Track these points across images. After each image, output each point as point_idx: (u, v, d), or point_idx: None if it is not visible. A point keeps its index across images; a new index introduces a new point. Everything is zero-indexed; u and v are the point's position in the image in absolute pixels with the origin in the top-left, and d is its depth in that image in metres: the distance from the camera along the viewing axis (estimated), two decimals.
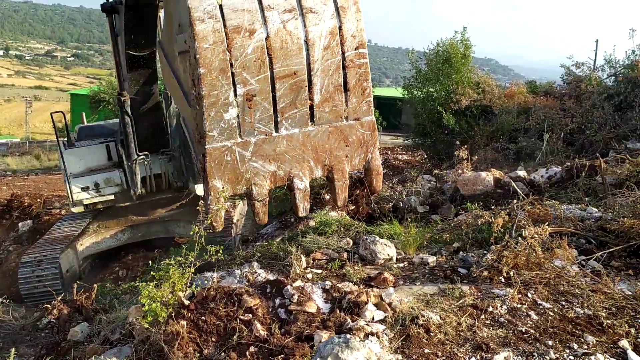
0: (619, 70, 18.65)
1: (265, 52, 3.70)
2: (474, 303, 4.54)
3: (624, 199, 7.22)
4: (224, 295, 4.06)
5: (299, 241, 6.43)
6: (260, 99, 3.79)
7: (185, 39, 3.72)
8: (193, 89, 3.74)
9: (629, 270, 5.40)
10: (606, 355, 3.89)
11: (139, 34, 8.63)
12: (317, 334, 3.70)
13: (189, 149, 11.75)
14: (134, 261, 11.91)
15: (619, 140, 13.20)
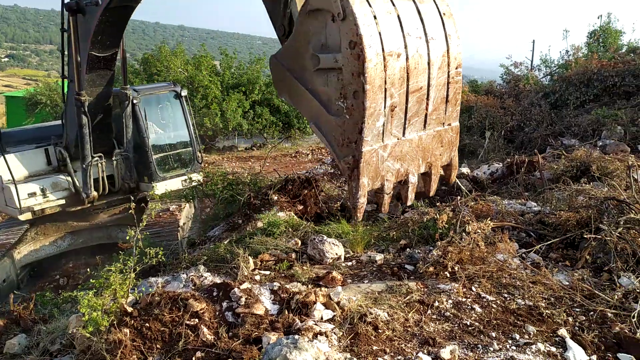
0: (554, 70, 19.44)
1: (405, 71, 4.51)
2: (421, 299, 4.61)
3: (561, 193, 7.51)
4: (169, 301, 3.96)
5: (247, 243, 6.36)
6: (399, 109, 4.62)
7: (335, 59, 4.42)
8: (340, 101, 4.51)
9: (565, 261, 5.62)
10: (546, 344, 4.02)
11: (107, 35, 8.79)
12: (266, 336, 3.66)
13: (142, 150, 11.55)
14: (76, 269, 11.47)
15: (555, 136, 13.75)
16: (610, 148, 10.89)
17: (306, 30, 4.70)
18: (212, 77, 29.01)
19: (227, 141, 31.35)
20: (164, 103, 12.61)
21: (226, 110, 27.79)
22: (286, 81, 5.17)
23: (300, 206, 9.04)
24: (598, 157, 8.48)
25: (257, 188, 9.24)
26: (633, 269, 5.14)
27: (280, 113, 31.33)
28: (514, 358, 3.77)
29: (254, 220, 8.00)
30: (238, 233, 7.69)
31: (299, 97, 5.06)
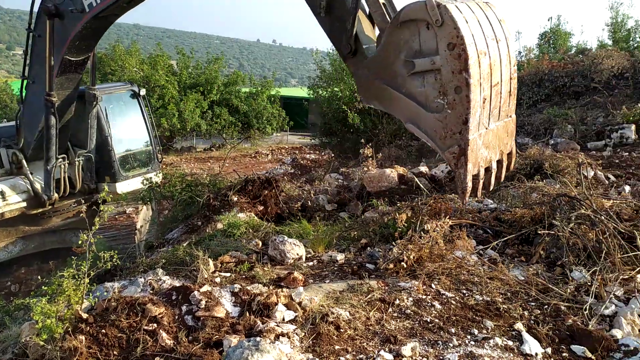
0: None
1: (489, 68, 5.10)
2: (382, 297, 4.64)
3: (515, 191, 7.70)
4: (126, 306, 3.86)
5: (207, 245, 6.28)
6: (487, 102, 5.18)
7: (433, 61, 4.97)
8: (440, 98, 5.04)
9: (521, 257, 5.76)
10: (503, 338, 4.11)
11: (85, 41, 8.89)
12: (227, 339, 3.62)
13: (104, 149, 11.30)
14: (28, 275, 11.05)
15: None
16: (562, 146, 11.25)
17: (397, 40, 5.24)
18: (169, 76, 28.57)
19: (185, 142, 30.96)
20: (122, 102, 12.37)
21: (184, 111, 27.41)
22: (375, 89, 5.66)
23: (260, 207, 8.99)
24: (550, 155, 8.74)
25: (217, 189, 9.14)
26: (584, 262, 5.31)
27: (240, 113, 31.12)
28: (472, 353, 3.83)
29: (214, 221, 7.91)
30: (197, 235, 7.58)
31: (391, 101, 5.57)
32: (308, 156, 25.81)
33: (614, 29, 20.63)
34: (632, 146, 11.02)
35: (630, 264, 5.27)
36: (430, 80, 5.11)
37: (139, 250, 8.87)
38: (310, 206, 9.48)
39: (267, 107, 32.08)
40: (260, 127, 32.07)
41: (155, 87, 27.09)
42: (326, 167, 17.32)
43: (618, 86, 14.93)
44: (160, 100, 27.14)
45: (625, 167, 9.13)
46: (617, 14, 20.60)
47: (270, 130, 33.01)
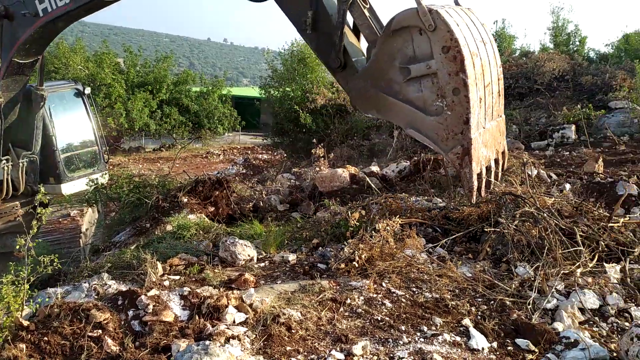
0: None
1: (481, 67, 5.24)
2: (333, 297, 4.66)
3: (463, 189, 7.88)
4: (70, 312, 3.73)
5: (155, 247, 6.15)
6: (483, 102, 5.33)
7: (428, 65, 5.12)
8: (439, 101, 5.18)
9: (469, 254, 5.91)
10: (451, 334, 4.20)
11: (36, 44, 8.72)
12: (175, 344, 3.54)
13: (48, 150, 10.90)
14: None
15: None
16: (507, 145, 11.59)
17: (390, 48, 5.37)
18: (116, 75, 27.84)
19: (134, 142, 30.25)
20: (65, 101, 11.97)
21: (132, 110, 26.75)
22: (372, 98, 5.74)
23: (211, 208, 8.88)
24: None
25: (166, 190, 8.97)
26: (528, 259, 5.49)
27: (190, 113, 30.63)
28: (422, 350, 3.89)
29: (163, 223, 7.76)
30: (146, 237, 7.41)
31: (389, 109, 5.66)
32: (260, 156, 25.64)
33: (555, 33, 21.46)
34: (572, 145, 11.49)
35: (571, 259, 5.49)
36: (427, 85, 5.26)
37: (84, 254, 8.60)
38: (262, 207, 9.43)
39: (219, 107, 31.72)
40: (211, 127, 31.67)
41: (102, 86, 26.34)
42: (278, 168, 17.27)
43: (559, 88, 15.53)
44: (106, 99, 26.41)
45: (566, 166, 9.50)
46: (558, 19, 21.46)
47: (222, 130, 32.66)
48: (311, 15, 6.00)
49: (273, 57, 23.40)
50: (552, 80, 15.69)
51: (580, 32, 21.48)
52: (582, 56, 19.83)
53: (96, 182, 9.92)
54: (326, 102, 19.57)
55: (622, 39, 21.37)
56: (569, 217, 6.19)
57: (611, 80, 14.65)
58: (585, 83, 15.20)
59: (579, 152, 10.58)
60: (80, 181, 11.42)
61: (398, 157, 13.80)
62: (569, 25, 21.38)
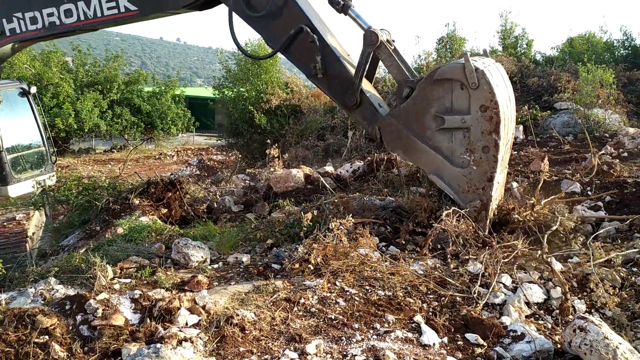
0: None
1: (508, 127, 5.66)
2: (287, 296, 4.66)
3: (415, 189, 8.04)
4: (14, 318, 3.60)
5: (106, 250, 6.02)
6: (503, 159, 5.73)
7: (463, 120, 5.47)
8: (467, 155, 5.56)
9: (417, 248, 6.01)
10: (404, 330, 4.28)
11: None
12: (125, 348, 3.48)
13: None
14: None
15: None
16: None
17: (429, 95, 5.64)
18: (64, 74, 26.99)
19: (83, 143, 29.45)
20: (10, 101, 11.55)
21: (81, 111, 25.98)
22: (403, 139, 6.02)
23: (164, 210, 8.75)
24: None
25: (117, 192, 8.78)
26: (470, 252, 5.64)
27: (142, 113, 30.02)
28: (375, 347, 3.95)
29: (114, 226, 7.60)
30: (96, 241, 7.24)
31: (417, 152, 5.99)
32: (215, 157, 25.34)
33: (503, 35, 22.07)
34: (520, 145, 11.85)
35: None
36: (458, 137, 5.60)
37: (31, 259, 8.32)
38: (217, 208, 9.35)
39: (172, 107, 31.21)
40: (164, 128, 31.12)
41: (49, 85, 25.48)
42: (233, 168, 17.11)
43: None
44: (54, 99, 25.56)
45: (514, 165, 9.79)
46: (506, 22, 22.07)
47: (175, 130, 32.17)
48: (320, 60, 6.32)
49: (227, 57, 23.20)
50: None
51: (527, 35, 22.19)
52: (529, 59, 20.46)
53: (43, 184, 9.61)
54: (281, 103, 19.55)
55: (567, 43, 22.19)
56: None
57: (556, 82, 15.17)
58: (532, 85, 15.70)
59: (527, 151, 10.93)
60: (27, 183, 11.07)
61: (352, 157, 13.93)
62: (517, 28, 22.06)
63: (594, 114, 12.28)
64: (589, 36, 22.06)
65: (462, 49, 21.18)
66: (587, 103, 12.58)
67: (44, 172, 11.62)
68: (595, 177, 8.32)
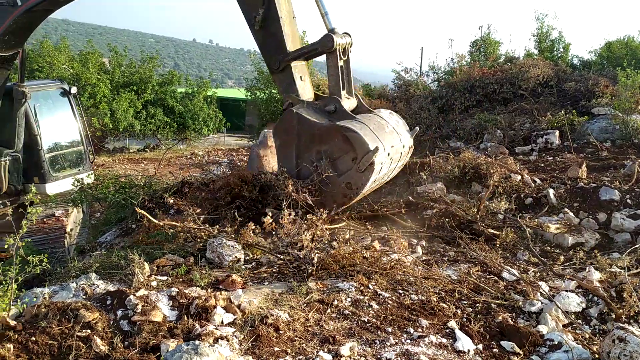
0: (442, 76, 20.56)
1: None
2: (321, 298, 4.69)
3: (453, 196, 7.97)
4: (58, 312, 3.71)
5: (142, 248, 6.12)
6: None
7: (333, 173, 6.36)
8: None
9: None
10: (437, 335, 4.25)
11: (16, 35, 8.69)
12: (164, 344, 3.55)
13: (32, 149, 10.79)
14: None
15: (443, 139, 14.55)
16: (492, 150, 11.73)
17: (329, 137, 6.30)
18: (101, 75, 27.56)
19: (118, 142, 29.99)
20: (51, 100, 11.87)
21: (116, 110, 26.49)
22: (288, 134, 6.63)
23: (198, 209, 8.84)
24: (485, 160, 9.01)
25: (152, 191, 8.92)
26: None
27: (175, 114, 30.42)
28: (409, 351, 3.94)
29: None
30: (132, 238, 7.37)
31: (285, 153, 6.73)
32: (245, 158, 25.55)
33: (539, 39, 21.70)
34: (556, 151, 11.64)
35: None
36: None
37: (69, 255, 8.53)
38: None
39: (204, 108, 31.55)
40: (196, 128, 31.48)
41: (87, 86, 26.04)
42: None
43: (543, 94, 15.70)
44: (91, 99, 26.11)
45: (550, 171, 9.62)
46: (542, 25, 21.70)
47: (207, 131, 32.49)
48: (262, 13, 6.46)
49: (259, 58, 23.37)
50: (536, 86, 15.85)
51: (564, 38, 21.79)
52: (566, 63, 20.07)
53: (81, 182, 9.84)
54: None
55: (605, 47, 21.70)
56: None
57: (594, 87, 14.84)
58: (568, 89, 15.38)
59: (563, 157, 10.73)
60: (66, 181, 11.33)
61: None
62: (553, 31, 21.66)
63: (632, 120, 11.97)
64: (628, 40, 21.54)
65: (496, 52, 20.91)
66: (626, 109, 12.27)
67: (82, 170, 11.89)
68: (635, 185, 8.13)
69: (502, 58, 20.57)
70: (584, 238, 6.99)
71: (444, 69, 20.99)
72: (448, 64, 20.96)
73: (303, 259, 5.35)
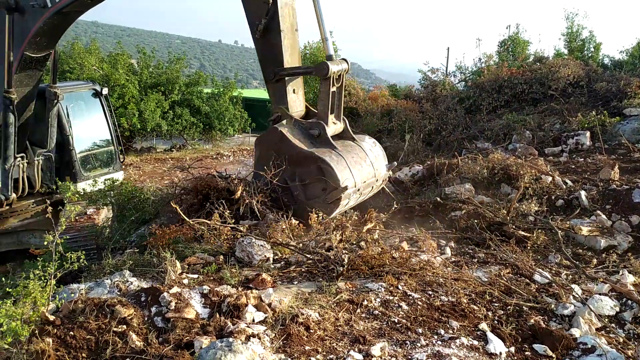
0: (469, 76, 20.36)
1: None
2: (350, 298, 4.70)
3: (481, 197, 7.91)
4: (95, 307, 3.79)
5: (173, 246, 6.20)
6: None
7: (304, 199, 6.61)
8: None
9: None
10: (469, 337, 4.23)
11: (47, 37, 8.80)
12: (197, 340, 3.60)
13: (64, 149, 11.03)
14: None
15: (470, 140, 14.41)
16: (520, 151, 11.58)
17: (306, 162, 6.49)
18: (129, 75, 27.98)
19: (145, 142, 30.38)
20: (83, 101, 12.11)
21: (144, 111, 26.89)
22: (268, 148, 6.82)
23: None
24: (515, 161, 8.91)
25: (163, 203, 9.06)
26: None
27: (201, 114, 30.73)
28: (440, 352, 3.92)
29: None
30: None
31: (259, 169, 6.81)
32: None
33: (569, 38, 21.32)
34: (587, 152, 11.44)
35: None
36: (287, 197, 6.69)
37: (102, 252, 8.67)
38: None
39: (229, 109, 31.80)
40: (222, 129, 31.73)
41: (115, 86, 26.46)
42: None
43: (574, 94, 15.44)
44: (120, 99, 26.53)
45: (581, 173, 9.46)
46: (572, 24, 21.31)
47: (232, 131, 32.74)
48: (264, 23, 6.60)
49: None
50: (566, 86, 15.58)
51: (595, 38, 21.32)
52: (597, 62, 19.69)
53: (110, 182, 10.01)
54: None
55: (637, 46, 21.19)
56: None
57: (626, 87, 14.53)
58: (599, 90, 15.09)
59: (594, 158, 10.54)
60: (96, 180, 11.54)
61: (409, 161, 13.81)
62: (584, 31, 21.25)
63: None
64: None
65: (525, 51, 20.62)
66: None
67: (112, 170, 12.12)
68: None
69: (531, 58, 20.27)
70: (616, 241, 6.87)
71: (471, 69, 20.79)
72: (475, 63, 20.75)
73: (333, 259, 5.36)
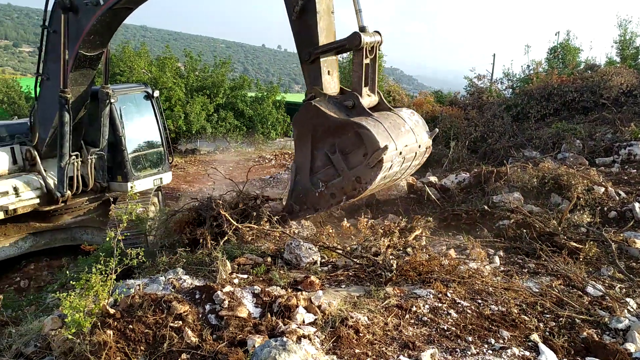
0: (516, 84, 20.01)
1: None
2: (399, 303, 4.70)
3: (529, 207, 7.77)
4: (152, 303, 3.92)
5: (222, 247, 6.33)
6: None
7: (342, 169, 6.44)
8: (322, 184, 6.67)
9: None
10: (520, 348, 4.17)
11: (100, 35, 9.12)
12: (250, 339, 3.67)
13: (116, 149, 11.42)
14: (37, 271, 11.08)
15: (517, 148, 14.17)
16: (570, 161, 11.31)
17: (344, 132, 6.38)
18: (176, 79, 28.65)
19: (190, 144, 31.01)
20: (135, 103, 12.49)
21: (190, 113, 27.48)
22: (305, 125, 6.79)
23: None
24: (566, 171, 8.72)
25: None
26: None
27: (244, 117, 31.18)
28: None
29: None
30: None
31: (302, 144, 6.83)
32: None
33: (622, 46, 20.73)
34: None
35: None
36: (330, 172, 6.59)
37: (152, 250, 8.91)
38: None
39: (272, 112, 32.18)
40: (264, 132, 32.14)
41: (163, 89, 27.14)
42: None
43: (626, 103, 15.00)
44: (167, 102, 27.21)
45: (635, 184, 9.19)
46: (625, 32, 20.72)
47: (275, 135, 33.10)
48: (301, 4, 6.61)
49: None
50: (619, 95, 15.16)
51: None
52: None
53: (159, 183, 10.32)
54: None
55: None
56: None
57: None
58: None
59: None
60: (146, 180, 11.87)
61: (454, 168, 13.68)
62: (637, 39, 20.63)
63: None
64: None
65: (576, 59, 20.15)
66: None
67: (161, 171, 12.44)
68: None
69: (582, 65, 19.80)
70: None
71: (519, 76, 20.43)
72: (524, 70, 20.38)
73: (381, 264, 5.37)
